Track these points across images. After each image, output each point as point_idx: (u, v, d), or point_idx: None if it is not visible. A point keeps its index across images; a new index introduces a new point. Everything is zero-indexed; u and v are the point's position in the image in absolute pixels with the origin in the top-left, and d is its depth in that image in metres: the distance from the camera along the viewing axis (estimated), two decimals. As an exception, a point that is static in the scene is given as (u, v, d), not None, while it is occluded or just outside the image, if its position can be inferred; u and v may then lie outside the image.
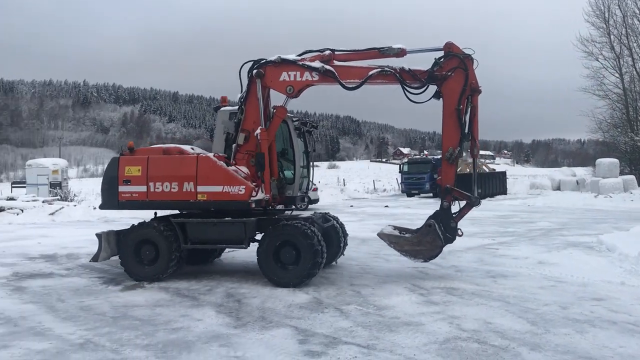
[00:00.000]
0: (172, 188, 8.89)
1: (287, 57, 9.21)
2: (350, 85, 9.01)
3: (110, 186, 9.17)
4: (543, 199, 31.25)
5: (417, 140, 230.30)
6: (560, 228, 16.77)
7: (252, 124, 9.22)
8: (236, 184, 8.70)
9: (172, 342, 5.86)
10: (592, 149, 63.97)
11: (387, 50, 9.04)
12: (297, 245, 8.57)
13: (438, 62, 8.83)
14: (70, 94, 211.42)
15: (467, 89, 8.69)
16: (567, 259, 10.87)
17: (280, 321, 6.63)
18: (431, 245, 8.90)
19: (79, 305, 7.50)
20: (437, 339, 5.87)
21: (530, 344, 5.69)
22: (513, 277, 9.27)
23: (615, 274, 9.24)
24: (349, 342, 5.78)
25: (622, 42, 41.30)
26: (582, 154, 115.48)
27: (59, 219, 21.22)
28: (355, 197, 39.00)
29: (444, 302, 7.53)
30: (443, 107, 8.86)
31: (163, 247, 8.97)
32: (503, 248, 12.49)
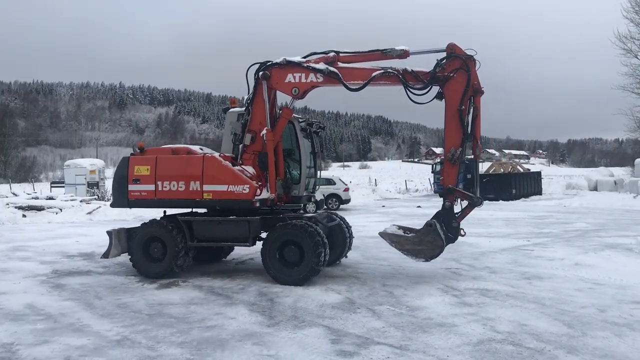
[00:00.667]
0: (179, 187, 9.17)
1: (292, 59, 9.34)
2: (353, 86, 9.13)
3: (120, 185, 9.49)
4: (579, 200, 30.63)
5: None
6: (597, 229, 16.40)
7: (258, 124, 9.39)
8: (240, 183, 8.91)
9: (206, 339, 5.95)
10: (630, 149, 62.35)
11: (390, 51, 9.13)
12: (301, 244, 8.73)
13: (440, 63, 8.86)
14: (107, 95, 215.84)
15: (469, 89, 8.70)
16: (605, 260, 10.63)
17: (312, 321, 6.65)
18: (432, 245, 8.86)
19: (116, 302, 7.67)
20: (470, 341, 5.81)
21: (567, 347, 5.60)
22: (549, 278, 9.11)
23: (656, 276, 9.01)
24: (381, 343, 5.78)
25: (662, 39, 40.11)
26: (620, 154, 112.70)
27: (96, 218, 21.68)
28: (387, 198, 38.82)
29: (478, 303, 7.45)
30: (445, 107, 8.88)
31: (170, 245, 9.24)
32: (538, 249, 12.28)
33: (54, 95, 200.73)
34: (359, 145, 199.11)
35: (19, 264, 10.94)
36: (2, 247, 13.27)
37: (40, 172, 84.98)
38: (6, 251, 12.61)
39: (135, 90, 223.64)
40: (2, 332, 6.27)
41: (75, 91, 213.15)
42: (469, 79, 8.67)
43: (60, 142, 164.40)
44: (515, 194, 33.13)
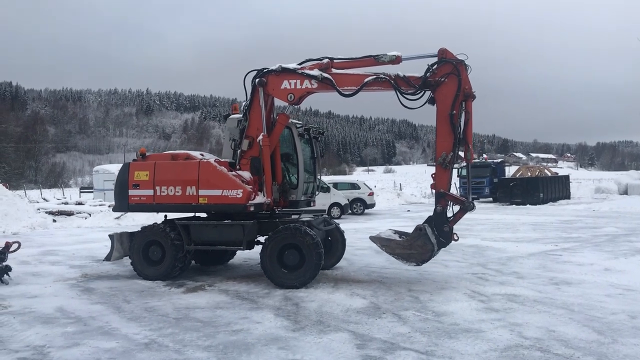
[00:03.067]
0: (176, 192, 9.37)
1: (287, 66, 9.50)
2: (346, 92, 9.25)
3: (121, 190, 9.75)
4: (609, 204, 30.06)
5: (475, 143, 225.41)
6: (627, 234, 16.08)
7: (255, 130, 9.59)
8: (234, 188, 9.09)
9: (232, 343, 5.99)
10: (662, 151, 61.06)
11: (383, 57, 9.23)
12: (301, 247, 8.87)
13: (431, 68, 8.91)
14: (134, 102, 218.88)
15: (460, 94, 8.72)
16: (636, 266, 10.43)
17: (338, 325, 6.66)
18: (422, 249, 8.78)
19: (144, 306, 7.77)
20: (497, 347, 5.75)
21: (597, 353, 5.50)
22: (577, 284, 8.97)
23: (689, 282, 8.80)
24: (407, 348, 5.75)
25: (695, 39, 39.27)
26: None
27: (124, 222, 21.99)
28: (412, 202, 38.61)
29: (505, 309, 7.37)
30: (437, 112, 8.91)
31: (169, 249, 9.45)
32: (566, 254, 12.10)
33: (83, 102, 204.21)
34: (384, 149, 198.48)
35: (50, 268, 11.17)
36: (34, 251, 13.55)
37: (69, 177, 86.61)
38: (37, 255, 12.88)
39: (161, 97, 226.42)
40: (33, 334, 6.41)
41: (103, 98, 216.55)
42: (460, 83, 8.70)
43: (89, 148, 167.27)
44: (542, 198, 32.67)
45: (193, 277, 9.94)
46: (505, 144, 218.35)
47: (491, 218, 22.53)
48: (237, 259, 11.91)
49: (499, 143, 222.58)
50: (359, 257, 11.95)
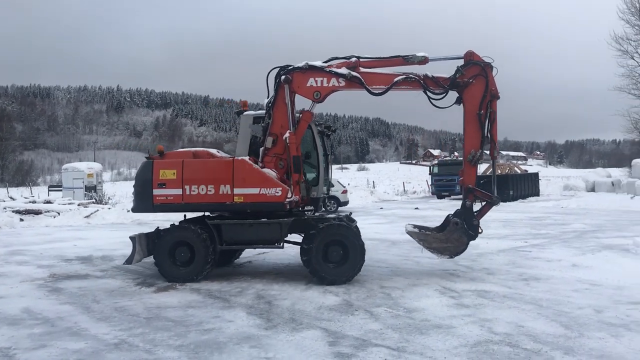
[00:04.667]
0: (209, 191, 9.06)
1: (314, 63, 9.45)
2: (376, 90, 9.37)
3: (144, 189, 9.29)
4: (577, 201, 30.68)
5: (447, 141, 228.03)
6: (594, 230, 16.44)
7: (279, 128, 9.39)
8: (273, 186, 8.97)
9: (204, 342, 5.95)
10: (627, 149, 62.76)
11: (412, 57, 9.42)
12: (346, 244, 9.00)
13: (460, 69, 9.25)
14: (105, 99, 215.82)
15: (487, 95, 9.19)
16: (602, 261, 10.65)
17: (310, 323, 6.66)
18: (458, 242, 9.29)
19: (114, 306, 7.66)
20: (468, 342, 5.82)
21: (564, 347, 5.61)
22: (546, 280, 9.13)
23: (653, 277, 9.03)
24: (379, 345, 5.78)
25: (658, 40, 40.26)
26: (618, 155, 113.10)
27: (94, 221, 21.68)
28: (385, 199, 38.87)
29: (475, 305, 7.46)
30: (465, 112, 9.33)
31: (200, 249, 9.15)
32: (536, 250, 12.31)
33: (52, 98, 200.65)
34: (357, 147, 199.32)
35: (17, 268, 10.93)
36: (0, 251, 13.25)
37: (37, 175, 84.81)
38: (4, 255, 12.60)
39: (132, 94, 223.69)
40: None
41: (72, 95, 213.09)
42: (487, 84, 9.19)
43: (58, 145, 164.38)
44: (512, 195, 33.18)
45: (164, 276, 9.83)
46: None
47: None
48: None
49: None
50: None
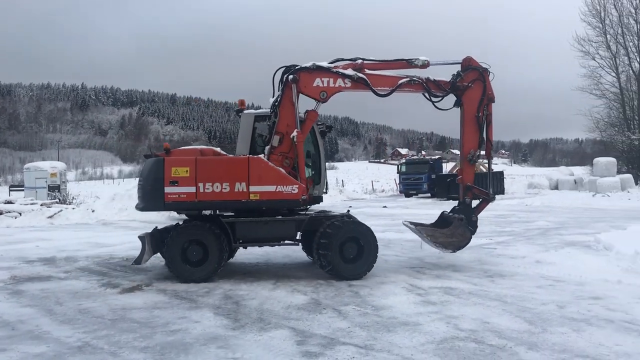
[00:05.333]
0: (223, 188, 9.02)
1: (321, 64, 9.66)
2: (382, 92, 9.73)
3: (155, 187, 9.08)
4: (541, 199, 31.29)
5: (415, 140, 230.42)
6: (558, 227, 16.80)
7: (285, 126, 9.51)
8: (289, 184, 9.10)
9: (170, 344, 5.87)
10: (589, 148, 64.28)
11: (415, 61, 9.87)
12: (361, 241, 9.27)
13: (460, 74, 9.87)
14: (69, 97, 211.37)
15: (485, 98, 9.90)
16: (565, 258, 10.88)
17: (278, 322, 6.64)
18: (462, 237, 9.90)
19: (77, 308, 7.50)
20: (434, 339, 5.88)
21: (528, 343, 5.71)
22: (511, 276, 9.29)
23: (613, 272, 9.26)
24: (346, 343, 5.80)
25: (618, 42, 41.58)
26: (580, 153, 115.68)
27: (57, 222, 21.20)
28: (353, 198, 39.02)
29: (442, 302, 7.55)
30: (464, 114, 10.01)
31: (214, 248, 9.08)
32: (501, 247, 12.52)
33: (13, 96, 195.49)
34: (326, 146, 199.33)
35: (-24, 270, 10.61)
36: (-42, 253, 12.86)
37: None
38: (-38, 257, 12.22)
39: (97, 92, 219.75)
40: (-43, 341, 6.08)
41: (35, 92, 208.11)
42: (485, 88, 9.87)
43: (19, 144, 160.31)
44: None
45: (129, 277, 9.69)
46: (443, 141, 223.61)
47: (429, 213, 22.96)
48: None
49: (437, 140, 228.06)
50: (301, 254, 11.95)
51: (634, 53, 41.28)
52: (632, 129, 40.97)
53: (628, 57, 41.45)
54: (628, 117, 42.09)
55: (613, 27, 41.47)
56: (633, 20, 40.90)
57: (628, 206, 25.59)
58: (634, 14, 40.78)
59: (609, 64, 41.96)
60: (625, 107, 42.09)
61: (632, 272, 9.15)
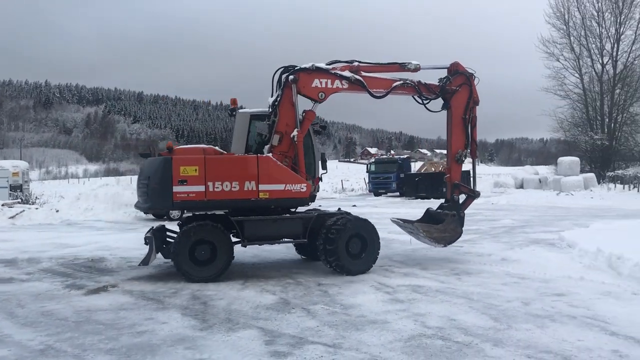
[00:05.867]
0: (233, 187, 9.05)
1: (320, 65, 9.84)
2: (377, 94, 10.09)
3: (163, 187, 8.95)
4: (506, 197, 31.84)
5: (384, 140, 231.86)
6: (523, 225, 17.12)
7: (284, 126, 9.64)
8: (298, 182, 9.35)
9: (136, 345, 5.78)
10: (554, 148, 65.52)
11: (408, 65, 10.28)
12: (365, 236, 9.62)
13: (449, 78, 10.41)
14: (32, 94, 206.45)
15: (471, 101, 10.49)
16: (530, 255, 11.10)
17: (246, 322, 6.60)
18: (454, 232, 10.48)
19: (40, 310, 7.33)
20: (402, 337, 5.93)
21: (493, 339, 5.80)
22: (477, 274, 9.43)
23: (575, 269, 9.48)
24: (315, 342, 5.80)
25: (581, 44, 42.53)
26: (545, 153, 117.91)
27: (19, 222, 20.69)
28: (323, 197, 39.02)
29: (409, 299, 7.61)
30: (452, 116, 10.58)
31: (223, 247, 9.07)
32: (467, 245, 12.68)
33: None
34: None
35: None
36: None
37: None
38: None
39: (62, 89, 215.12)
40: None
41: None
42: (471, 92, 10.48)
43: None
44: (446, 192, 34.01)
45: (95, 278, 9.52)
46: (412, 140, 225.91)
47: (398, 212, 23.13)
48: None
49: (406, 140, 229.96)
50: (270, 253, 11.93)
51: (597, 55, 42.39)
52: (594, 129, 42.00)
53: (591, 59, 42.51)
54: (591, 118, 43.13)
55: (576, 29, 42.48)
56: (595, 23, 41.97)
57: (591, 204, 26.23)
58: (596, 17, 41.84)
59: (573, 65, 42.98)
60: (588, 108, 43.11)
61: (594, 269, 9.38)
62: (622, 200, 27.32)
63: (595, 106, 43.18)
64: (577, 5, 42.21)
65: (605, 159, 41.50)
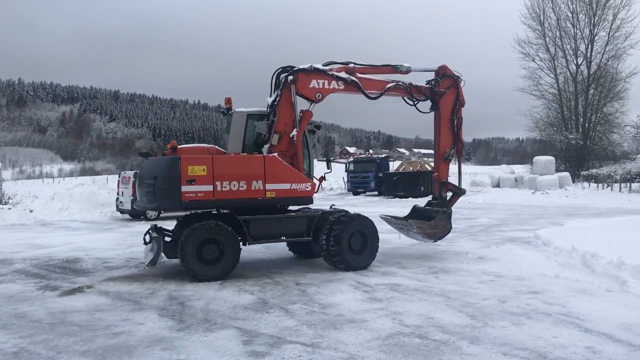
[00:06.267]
0: (240, 187, 9.10)
1: (318, 66, 10.06)
2: (372, 95, 10.45)
3: (171, 187, 8.87)
4: (483, 196, 32.13)
5: (362, 139, 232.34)
6: (499, 224, 17.30)
7: (283, 126, 9.83)
8: (303, 181, 9.63)
9: (112, 347, 5.72)
10: (530, 147, 66.43)
11: (401, 67, 10.62)
12: (365, 232, 9.91)
13: (438, 80, 10.83)
14: (4, 92, 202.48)
15: (458, 103, 10.95)
16: (506, 254, 11.22)
17: (224, 323, 6.57)
18: (444, 228, 10.86)
19: (13, 312, 7.20)
20: (380, 335, 5.95)
21: (470, 337, 5.85)
22: (454, 272, 9.50)
23: (550, 267, 9.62)
24: (293, 342, 5.79)
25: (556, 44, 43.17)
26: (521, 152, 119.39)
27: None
28: (301, 197, 38.93)
29: (387, 298, 7.65)
30: (440, 117, 11.01)
31: (230, 246, 9.10)
32: (445, 244, 12.74)
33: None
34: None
35: None
36: None
37: None
38: None
39: (36, 87, 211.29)
40: None
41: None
42: (458, 94, 10.92)
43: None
44: (423, 191, 34.23)
45: (70, 279, 9.38)
46: (390, 140, 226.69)
47: (376, 210, 23.24)
48: (120, 259, 11.42)
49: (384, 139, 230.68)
50: (249, 253, 11.86)
51: (571, 55, 43.05)
52: (569, 129, 42.66)
53: (566, 60, 43.17)
54: (566, 117, 43.79)
55: (552, 30, 43.10)
56: (570, 24, 42.62)
57: (566, 203, 26.62)
58: (570, 18, 42.49)
59: (548, 65, 43.61)
60: (563, 108, 43.77)
61: (568, 267, 9.52)
62: (596, 199, 27.77)
63: (570, 106, 43.85)
64: (553, 6, 42.89)
65: (579, 158, 42.17)
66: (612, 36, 41.06)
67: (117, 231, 17.42)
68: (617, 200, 26.57)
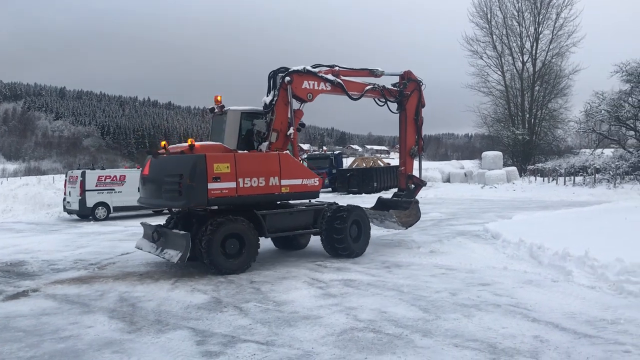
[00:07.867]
0: (260, 183, 9.60)
1: (309, 68, 10.67)
2: (355, 96, 11.34)
3: (199, 183, 9.04)
4: (434, 191, 32.62)
5: (316, 136, 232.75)
6: (449, 218, 17.62)
7: (280, 124, 10.31)
8: (311, 177, 10.38)
9: (59, 352, 5.54)
10: (478, 143, 67.65)
11: (376, 71, 11.66)
12: (361, 222, 10.89)
13: (405, 84, 11.99)
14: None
15: (420, 105, 12.24)
16: (456, 247, 11.43)
17: (177, 323, 6.46)
18: (415, 217, 12.14)
19: (-47, 319, 6.90)
20: (334, 331, 5.97)
21: (422, 330, 5.94)
22: (407, 266, 9.63)
23: (499, 259, 9.86)
24: (248, 340, 5.75)
25: (503, 42, 44.15)
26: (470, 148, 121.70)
27: None
28: (255, 194, 38.75)
29: (342, 294, 7.68)
30: (406, 117, 12.25)
31: (251, 240, 9.48)
32: (397, 239, 12.92)
33: None
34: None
35: None
36: None
37: None
38: None
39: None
40: None
41: None
42: (420, 97, 12.25)
43: None
44: (376, 187, 34.56)
45: (14, 283, 9.05)
46: (343, 136, 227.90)
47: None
48: (67, 261, 11.09)
49: (338, 136, 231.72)
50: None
51: (517, 53, 44.11)
52: (516, 125, 43.75)
53: (512, 57, 44.22)
54: (512, 114, 44.92)
55: (499, 28, 44.04)
56: (516, 23, 43.64)
57: (513, 197, 27.31)
58: (516, 16, 43.54)
59: (495, 63, 44.55)
60: (510, 104, 44.87)
61: (516, 259, 9.78)
62: (542, 192, 28.57)
63: (517, 102, 44.99)
64: (499, 4, 43.81)
65: (526, 153, 43.31)
66: (556, 34, 42.26)
67: (65, 232, 16.92)
68: (562, 193, 27.41)
